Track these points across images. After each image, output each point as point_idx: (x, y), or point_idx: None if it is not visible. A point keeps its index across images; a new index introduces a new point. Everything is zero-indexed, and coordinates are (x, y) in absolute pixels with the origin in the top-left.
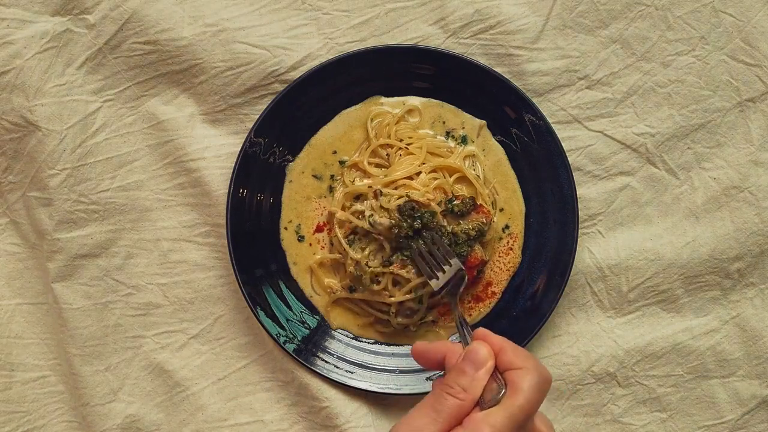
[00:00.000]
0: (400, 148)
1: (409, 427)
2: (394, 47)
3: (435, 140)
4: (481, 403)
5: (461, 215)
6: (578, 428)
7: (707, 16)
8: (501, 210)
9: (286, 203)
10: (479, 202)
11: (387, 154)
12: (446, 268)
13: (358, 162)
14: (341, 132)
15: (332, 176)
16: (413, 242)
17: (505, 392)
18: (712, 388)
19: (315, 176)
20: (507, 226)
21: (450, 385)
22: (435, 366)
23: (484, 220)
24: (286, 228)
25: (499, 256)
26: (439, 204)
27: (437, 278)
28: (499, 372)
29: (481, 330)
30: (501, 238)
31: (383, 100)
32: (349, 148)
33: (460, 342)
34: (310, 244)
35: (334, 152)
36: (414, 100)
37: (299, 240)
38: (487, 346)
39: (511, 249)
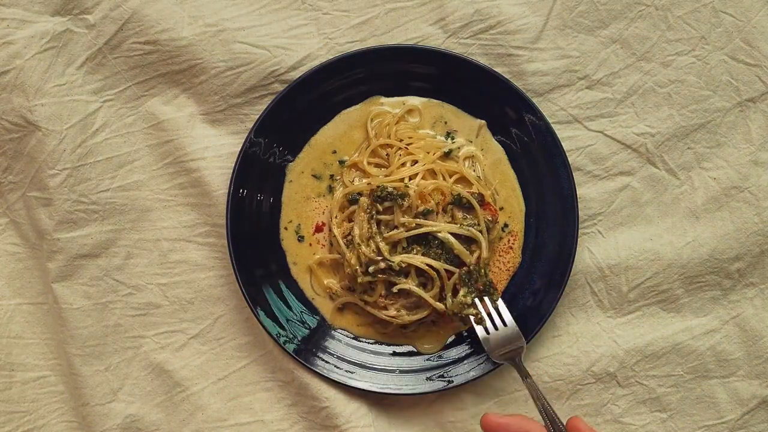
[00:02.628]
0: (400, 148)
1: None
2: (394, 47)
3: (435, 140)
4: None
5: (468, 209)
6: None
7: (707, 16)
8: (501, 209)
9: (286, 203)
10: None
11: (387, 154)
12: (501, 327)
13: (357, 162)
14: (341, 132)
15: (332, 176)
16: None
17: None
18: (712, 388)
19: (315, 176)
20: (506, 225)
21: None
22: None
23: (490, 218)
24: (286, 228)
25: (500, 256)
26: (437, 204)
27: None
28: None
29: (580, 421)
30: (501, 238)
31: (383, 100)
32: (349, 148)
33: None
34: (310, 244)
35: (334, 152)
36: (414, 100)
37: (299, 240)
38: None
39: (511, 248)
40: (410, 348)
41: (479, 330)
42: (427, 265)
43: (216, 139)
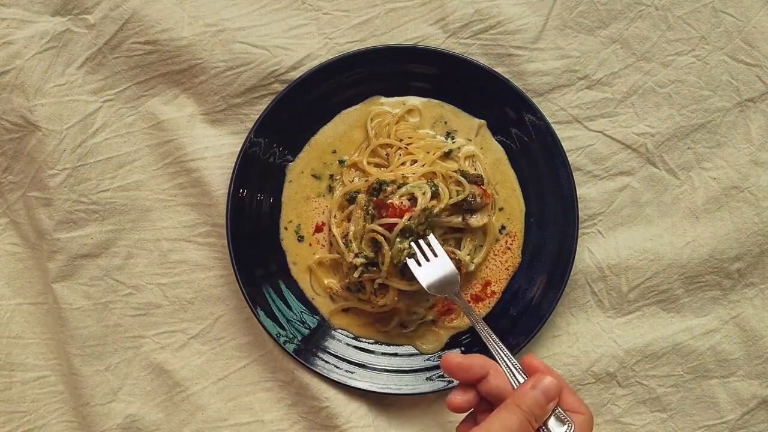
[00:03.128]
0: (400, 148)
1: None
2: (394, 47)
3: (435, 140)
4: None
5: (465, 177)
6: None
7: (707, 16)
8: (501, 209)
9: (286, 203)
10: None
11: (387, 154)
12: (433, 259)
13: (357, 162)
14: (341, 132)
15: (332, 176)
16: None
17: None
18: (712, 388)
19: (314, 176)
20: (504, 227)
21: (523, 409)
22: (471, 380)
23: (479, 200)
24: (286, 228)
25: (495, 254)
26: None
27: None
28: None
29: (535, 358)
30: (498, 240)
31: (383, 100)
32: (349, 148)
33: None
34: (310, 244)
35: (334, 152)
36: (414, 100)
37: (299, 240)
38: (555, 381)
39: (509, 248)
40: (410, 348)
41: (411, 263)
42: (373, 230)
43: (216, 139)
